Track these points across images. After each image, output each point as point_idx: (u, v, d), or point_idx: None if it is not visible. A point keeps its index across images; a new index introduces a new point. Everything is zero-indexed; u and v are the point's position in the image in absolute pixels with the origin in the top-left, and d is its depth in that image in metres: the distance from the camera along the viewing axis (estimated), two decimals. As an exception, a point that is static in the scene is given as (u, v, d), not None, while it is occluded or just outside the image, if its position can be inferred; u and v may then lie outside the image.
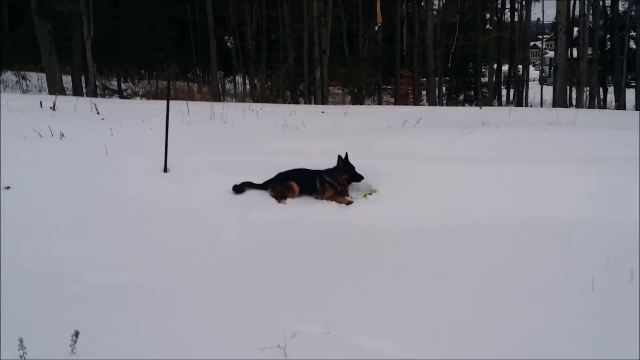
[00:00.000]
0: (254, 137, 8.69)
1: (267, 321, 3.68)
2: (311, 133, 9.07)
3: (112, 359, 3.26)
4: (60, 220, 5.69)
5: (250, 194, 6.77)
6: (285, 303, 4.02)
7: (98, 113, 9.58)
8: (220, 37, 32.84)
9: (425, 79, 31.96)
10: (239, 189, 6.77)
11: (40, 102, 9.90)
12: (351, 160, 6.79)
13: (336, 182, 6.77)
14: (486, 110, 12.87)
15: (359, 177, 6.78)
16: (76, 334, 3.25)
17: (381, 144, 8.11)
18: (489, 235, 5.29)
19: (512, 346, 3.37)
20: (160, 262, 4.92)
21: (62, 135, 7.75)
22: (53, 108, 9.60)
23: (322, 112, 12.27)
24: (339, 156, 6.78)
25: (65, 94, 19.28)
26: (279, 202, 6.68)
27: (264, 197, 6.75)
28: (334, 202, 6.62)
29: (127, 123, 8.69)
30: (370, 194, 6.68)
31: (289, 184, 6.79)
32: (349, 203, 6.59)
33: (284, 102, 24.75)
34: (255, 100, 19.79)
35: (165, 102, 7.57)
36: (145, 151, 7.44)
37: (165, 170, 7.08)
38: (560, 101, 20.49)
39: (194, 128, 8.93)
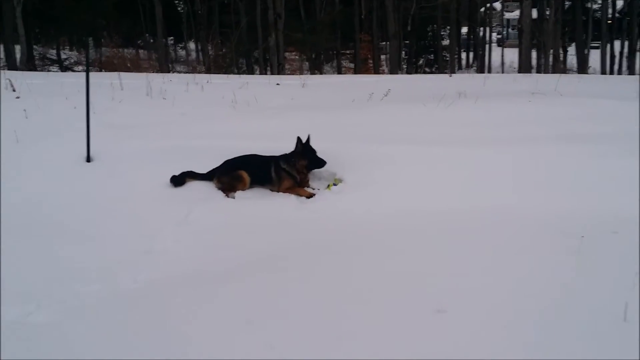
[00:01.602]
0: (197, 116, 7.48)
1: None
2: (265, 110, 7.89)
3: None
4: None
5: (191, 186, 5.72)
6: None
7: (14, 90, 8.20)
8: (169, 1, 30.95)
9: (384, 43, 30.97)
10: (178, 180, 5.69)
11: (-57, 81, 8.46)
12: (313, 144, 5.73)
13: (294, 170, 5.71)
14: (457, 78, 11.91)
15: (320, 163, 5.73)
16: None
17: (346, 123, 7.02)
18: (479, 240, 4.27)
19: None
20: (68, 289, 3.78)
21: (-35, 119, 6.45)
22: (-42, 87, 8.19)
23: (277, 84, 11.05)
24: (298, 138, 5.70)
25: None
26: (227, 195, 5.62)
27: (208, 190, 5.69)
28: (292, 195, 5.58)
29: (46, 102, 7.40)
30: (335, 184, 5.65)
31: (238, 174, 5.71)
32: (310, 196, 5.55)
33: (238, 70, 23.36)
34: (208, 68, 18.40)
35: (101, 72, 6.34)
36: (64, 136, 6.27)
37: (88, 159, 5.92)
38: (526, 65, 19.72)
39: (127, 106, 7.67)
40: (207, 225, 4.91)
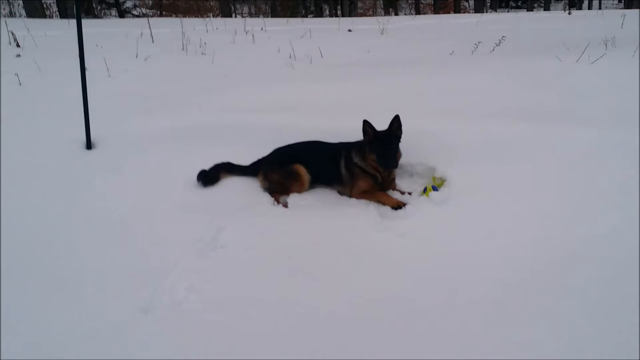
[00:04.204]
0: (243, 79, 5.69)
1: None
2: (332, 68, 5.97)
3: None
4: None
5: (227, 185, 4.07)
6: None
7: (17, 46, 6.63)
8: None
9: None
10: (209, 177, 4.09)
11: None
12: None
13: (372, 166, 3.85)
14: (579, 17, 9.42)
15: (388, 163, 3.77)
16: None
17: (445, 87, 5.02)
18: None
19: None
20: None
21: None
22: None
23: (349, 30, 8.95)
24: (365, 123, 3.78)
25: (45, 16, 16.19)
26: (276, 200, 3.92)
27: (249, 192, 3.99)
28: (371, 202, 3.76)
29: (51, 62, 5.82)
30: (434, 187, 3.76)
31: (292, 170, 4.03)
32: (397, 206, 3.72)
33: (306, 10, 21.31)
34: (272, 8, 16.48)
35: (138, 19, 4.71)
36: (64, 112, 4.66)
37: (89, 146, 4.31)
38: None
39: (153, 66, 5.97)
40: (243, 256, 3.20)
